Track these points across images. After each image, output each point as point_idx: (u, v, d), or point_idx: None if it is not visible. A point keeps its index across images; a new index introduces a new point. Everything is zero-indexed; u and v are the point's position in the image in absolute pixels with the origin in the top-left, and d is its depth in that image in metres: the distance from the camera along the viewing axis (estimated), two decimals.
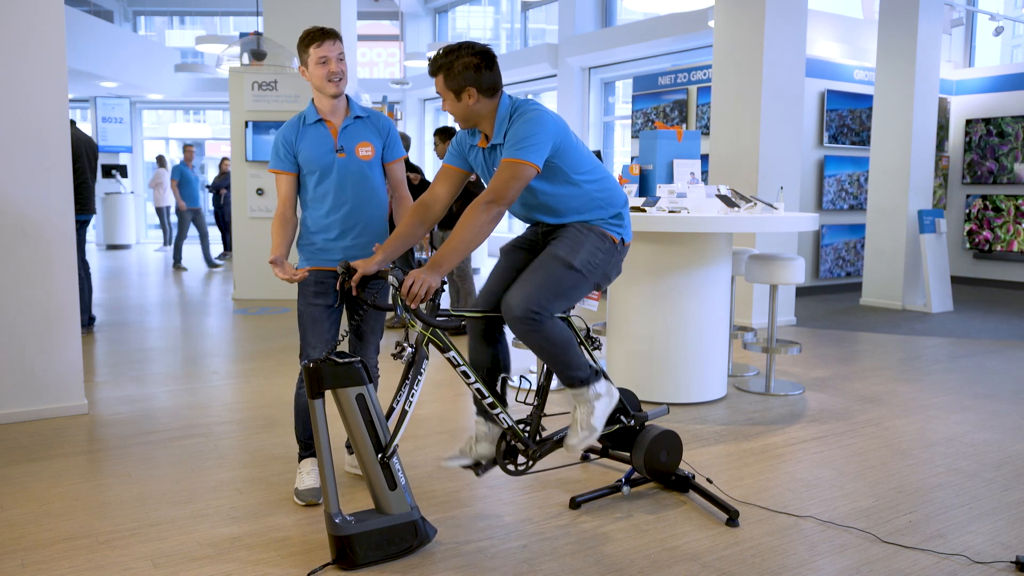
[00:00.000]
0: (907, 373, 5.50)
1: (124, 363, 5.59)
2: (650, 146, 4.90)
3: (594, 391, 2.94)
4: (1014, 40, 13.26)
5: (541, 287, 2.78)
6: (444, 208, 2.99)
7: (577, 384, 2.92)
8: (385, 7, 17.98)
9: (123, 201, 16.06)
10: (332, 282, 3.11)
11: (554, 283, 2.81)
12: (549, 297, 2.78)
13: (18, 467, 3.53)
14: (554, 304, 2.80)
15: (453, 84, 2.75)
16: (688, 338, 4.53)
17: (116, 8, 18.34)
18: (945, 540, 2.87)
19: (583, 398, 2.94)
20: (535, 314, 2.75)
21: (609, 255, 2.94)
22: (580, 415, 2.94)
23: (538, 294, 2.77)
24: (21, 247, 4.13)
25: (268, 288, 8.59)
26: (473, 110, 2.79)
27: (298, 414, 3.20)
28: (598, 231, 2.92)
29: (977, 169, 10.35)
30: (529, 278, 2.81)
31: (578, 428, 2.93)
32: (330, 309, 3.11)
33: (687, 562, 2.68)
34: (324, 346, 3.08)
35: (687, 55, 12.18)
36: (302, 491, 3.13)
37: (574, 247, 2.86)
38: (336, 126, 3.10)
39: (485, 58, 2.76)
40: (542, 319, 2.76)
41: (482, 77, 2.75)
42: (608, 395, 2.99)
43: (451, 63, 2.74)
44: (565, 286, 2.83)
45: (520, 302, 2.75)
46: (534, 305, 2.75)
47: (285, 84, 8.60)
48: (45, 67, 4.12)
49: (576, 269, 2.84)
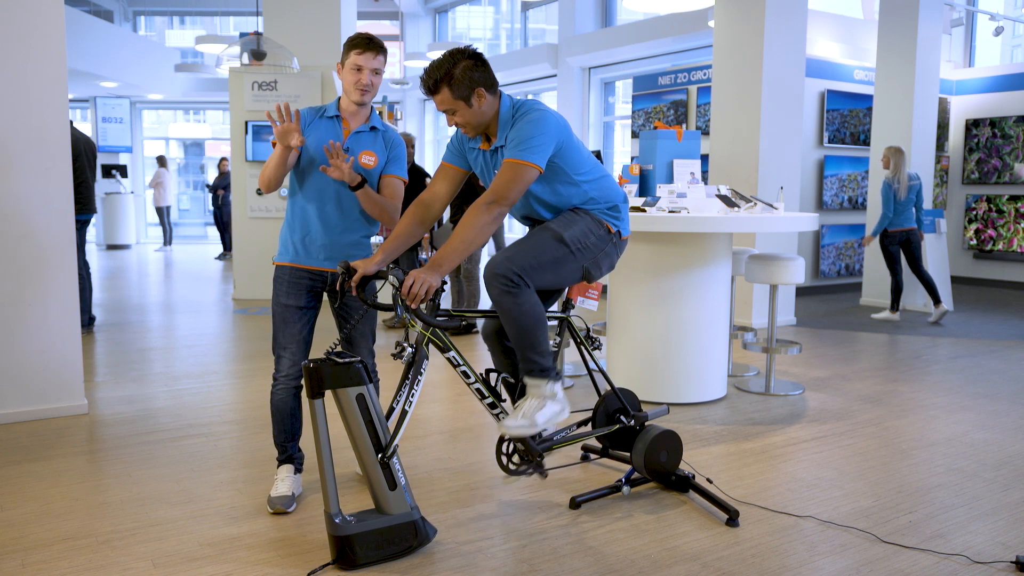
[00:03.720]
0: (907, 373, 5.50)
1: (124, 363, 5.59)
2: (650, 146, 4.90)
3: (551, 388, 2.86)
4: (1014, 40, 13.25)
5: (526, 253, 2.78)
6: (443, 207, 2.99)
7: (536, 373, 2.84)
8: (385, 7, 17.98)
9: (123, 201, 16.06)
10: (307, 282, 3.07)
11: (540, 251, 2.79)
12: (533, 264, 2.76)
13: (18, 467, 3.53)
14: (537, 273, 2.77)
15: (461, 91, 2.71)
16: (688, 338, 4.53)
17: (116, 8, 18.34)
18: (945, 540, 2.87)
19: (538, 391, 2.86)
20: (515, 275, 2.72)
21: (602, 242, 2.93)
22: (528, 405, 2.84)
23: (521, 258, 2.76)
24: (21, 247, 4.13)
25: (268, 288, 8.59)
26: (485, 113, 2.76)
27: (273, 415, 3.13)
28: (594, 216, 2.93)
29: (984, 167, 10.35)
30: (516, 244, 2.82)
31: (519, 415, 2.83)
32: (302, 310, 3.06)
33: (687, 562, 2.68)
34: (296, 347, 3.04)
35: (687, 55, 12.18)
36: (273, 498, 3.07)
37: (567, 223, 2.88)
38: (351, 128, 3.09)
39: (477, 57, 2.75)
40: (520, 285, 2.73)
41: (485, 75, 2.74)
42: (561, 405, 2.90)
43: (450, 72, 2.70)
44: (551, 256, 2.80)
45: (502, 262, 2.74)
46: (515, 266, 2.73)
47: (285, 84, 8.60)
48: (45, 67, 4.12)
49: (565, 243, 2.82)
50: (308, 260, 3.08)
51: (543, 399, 2.85)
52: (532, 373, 2.85)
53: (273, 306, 3.10)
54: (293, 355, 3.04)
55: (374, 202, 3.03)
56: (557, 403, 2.88)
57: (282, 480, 3.15)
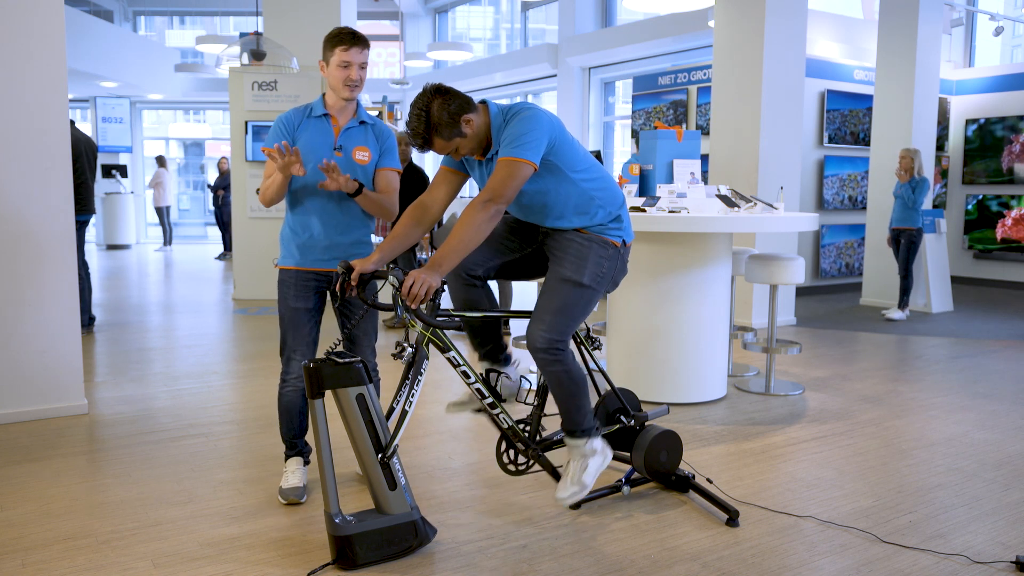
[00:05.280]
0: (907, 373, 5.50)
1: (124, 363, 5.59)
2: (650, 146, 4.90)
3: (591, 446, 2.93)
4: (1014, 40, 13.25)
5: (558, 314, 2.80)
6: (442, 210, 2.98)
7: (578, 434, 2.91)
8: (385, 7, 17.98)
9: (123, 201, 16.06)
10: (313, 283, 3.09)
11: (570, 307, 2.82)
12: (568, 322, 2.81)
13: (18, 467, 3.53)
14: (573, 326, 2.83)
15: (450, 131, 2.66)
16: (688, 338, 4.53)
17: (116, 8, 18.34)
18: (945, 540, 2.87)
19: (579, 451, 2.93)
20: (559, 342, 2.78)
21: (614, 261, 2.94)
22: (573, 469, 2.93)
23: (557, 322, 2.79)
24: (21, 247, 4.13)
25: (268, 288, 8.59)
26: (479, 132, 2.74)
27: (281, 413, 3.19)
28: (599, 239, 2.90)
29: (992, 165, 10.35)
30: (544, 307, 2.81)
31: (568, 483, 2.91)
32: (311, 312, 3.10)
33: (687, 562, 2.68)
34: (306, 349, 3.08)
35: (687, 55, 12.18)
36: (285, 490, 3.15)
37: (579, 264, 2.85)
38: (340, 125, 3.09)
39: (441, 90, 2.67)
40: (564, 347, 2.80)
41: (459, 100, 2.67)
42: (603, 455, 2.97)
43: (430, 122, 2.63)
44: (580, 306, 2.84)
45: (542, 334, 2.77)
46: (556, 335, 2.77)
47: (285, 84, 8.60)
48: (45, 67, 4.12)
49: (586, 286, 2.84)
50: (313, 262, 3.08)
51: (585, 459, 2.93)
52: (574, 435, 2.92)
53: (281, 309, 3.10)
54: (303, 356, 3.07)
55: (373, 202, 3.06)
56: (598, 456, 2.96)
57: (292, 472, 3.20)
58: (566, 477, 2.93)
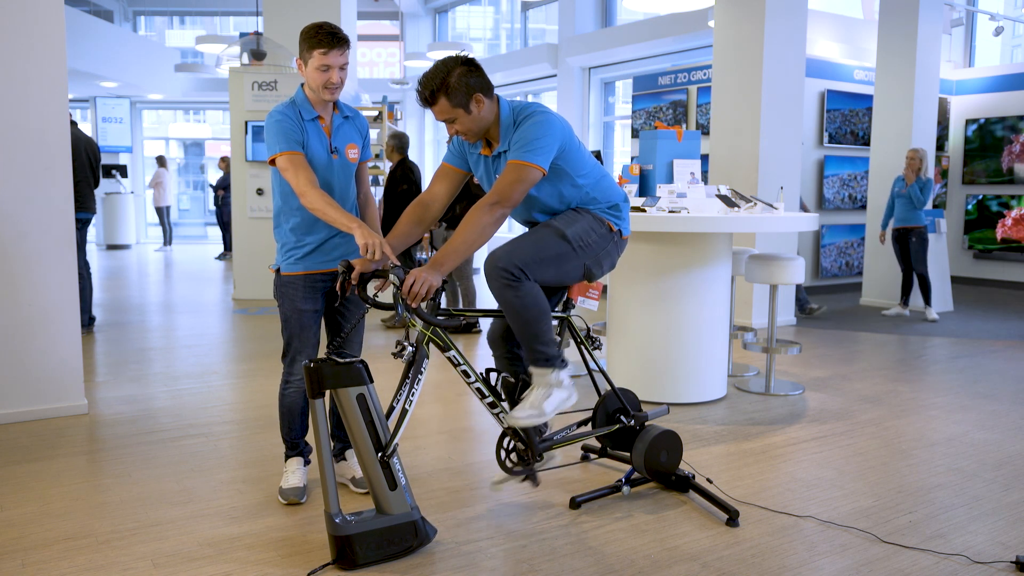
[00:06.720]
0: (907, 373, 5.50)
1: (124, 363, 5.58)
2: (650, 146, 4.90)
3: (556, 377, 2.86)
4: (1014, 40, 13.26)
5: (528, 247, 2.78)
6: (442, 208, 2.98)
7: (542, 362, 2.85)
8: (385, 7, 17.98)
9: (123, 201, 16.06)
10: (321, 284, 3.08)
11: (542, 246, 2.80)
12: (535, 259, 2.77)
13: (18, 467, 3.52)
14: (538, 268, 2.78)
15: (458, 99, 2.69)
16: (688, 338, 4.53)
17: (116, 8, 18.34)
18: (945, 540, 2.87)
19: (544, 380, 2.86)
20: (517, 269, 2.72)
21: (604, 240, 2.93)
22: (535, 394, 2.85)
23: (523, 251, 2.76)
24: (21, 247, 4.13)
25: (268, 288, 8.59)
26: (484, 118, 2.75)
27: (283, 414, 3.19)
28: (595, 215, 2.94)
29: (992, 165, 10.35)
30: (518, 239, 2.82)
31: (527, 405, 2.82)
32: (318, 313, 3.11)
33: (687, 562, 2.68)
34: (310, 351, 3.08)
35: (687, 55, 12.18)
36: (285, 490, 3.15)
37: (569, 221, 2.88)
38: (329, 125, 3.06)
39: (471, 63, 2.73)
40: (521, 278, 2.73)
41: (480, 80, 2.73)
42: (568, 391, 2.90)
43: (446, 81, 2.68)
44: (553, 252, 2.81)
45: (504, 255, 2.74)
46: (517, 260, 2.73)
47: (285, 84, 8.59)
48: (45, 67, 4.12)
49: (567, 239, 2.83)
50: (321, 264, 3.07)
51: (550, 387, 2.86)
52: (538, 363, 2.86)
53: (288, 312, 3.07)
54: (308, 357, 3.07)
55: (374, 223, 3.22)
56: (564, 390, 2.88)
57: (292, 472, 3.20)
58: (526, 401, 2.84)
